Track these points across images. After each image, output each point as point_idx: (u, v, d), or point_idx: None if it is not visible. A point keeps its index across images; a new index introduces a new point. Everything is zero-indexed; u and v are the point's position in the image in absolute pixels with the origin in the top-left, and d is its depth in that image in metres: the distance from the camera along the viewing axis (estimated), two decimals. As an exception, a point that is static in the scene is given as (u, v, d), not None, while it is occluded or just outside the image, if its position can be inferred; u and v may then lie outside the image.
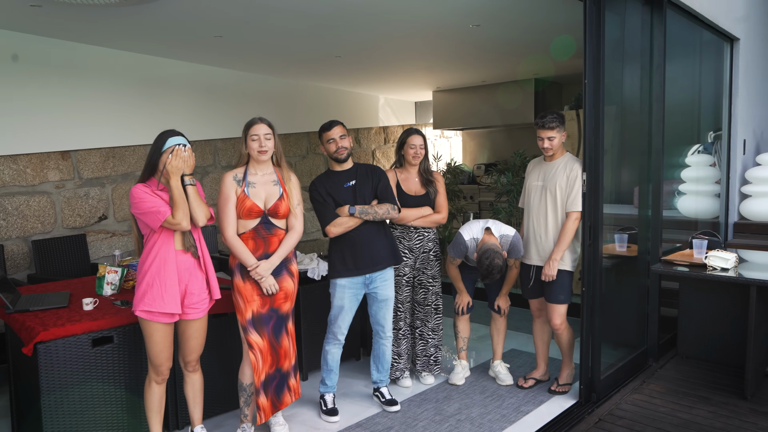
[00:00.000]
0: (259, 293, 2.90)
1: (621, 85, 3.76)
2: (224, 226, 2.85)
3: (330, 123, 3.25)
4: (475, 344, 4.59)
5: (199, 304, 2.72)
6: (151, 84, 5.19)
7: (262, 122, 2.88)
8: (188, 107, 5.51)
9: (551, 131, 3.40)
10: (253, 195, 2.88)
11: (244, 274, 2.89)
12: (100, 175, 4.92)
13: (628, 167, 3.99)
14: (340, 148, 3.22)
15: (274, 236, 2.94)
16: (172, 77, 5.38)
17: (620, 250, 3.80)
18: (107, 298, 3.25)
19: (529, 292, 3.62)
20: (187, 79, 5.49)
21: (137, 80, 5.10)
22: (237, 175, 2.90)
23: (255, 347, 2.90)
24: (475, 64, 5.91)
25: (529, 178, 3.56)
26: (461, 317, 3.82)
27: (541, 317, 3.66)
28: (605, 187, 3.33)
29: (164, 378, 2.71)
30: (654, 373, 3.83)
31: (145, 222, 2.60)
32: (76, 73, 4.74)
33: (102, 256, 4.95)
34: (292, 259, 3.05)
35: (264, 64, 5.65)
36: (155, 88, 5.23)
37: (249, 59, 5.39)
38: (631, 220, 3.95)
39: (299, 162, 6.75)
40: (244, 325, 2.90)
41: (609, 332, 3.58)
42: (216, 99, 5.73)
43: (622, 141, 3.91)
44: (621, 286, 3.89)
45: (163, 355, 2.66)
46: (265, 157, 2.88)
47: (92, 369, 2.80)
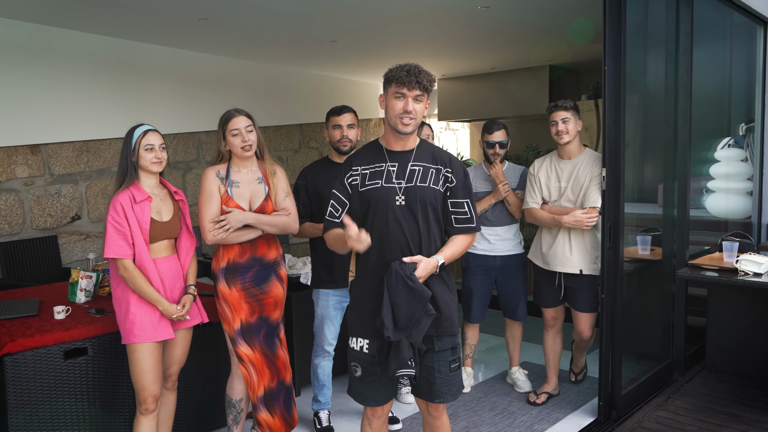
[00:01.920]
0: (247, 300, 2.91)
1: (644, 73, 3.76)
2: (207, 226, 2.84)
3: (341, 108, 3.26)
4: (484, 356, 4.59)
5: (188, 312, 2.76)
6: (128, 71, 5.20)
7: (240, 114, 2.86)
8: (170, 97, 5.51)
9: (565, 111, 3.42)
10: (237, 195, 2.88)
11: (230, 279, 2.89)
12: (72, 171, 4.93)
13: (651, 163, 4.00)
14: (344, 138, 3.23)
15: (262, 239, 2.94)
16: (152, 64, 5.38)
17: (643, 254, 3.80)
18: (81, 306, 3.25)
19: (547, 300, 3.63)
20: (168, 66, 5.49)
21: (113, 67, 5.10)
22: (219, 172, 2.89)
23: (246, 360, 2.90)
24: (484, 49, 5.91)
25: (540, 177, 3.56)
26: (470, 325, 3.84)
27: (555, 327, 3.69)
28: (627, 185, 3.33)
29: (152, 408, 2.71)
30: (680, 388, 3.83)
31: None
32: (45, 59, 4.74)
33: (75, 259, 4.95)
34: (281, 262, 3.06)
35: (252, 50, 5.65)
36: (133, 75, 5.23)
37: (236, 44, 5.39)
38: (655, 221, 3.95)
39: (291, 157, 6.75)
40: (232, 336, 2.90)
41: (631, 343, 3.58)
42: (200, 88, 5.73)
43: (645, 134, 3.92)
44: (644, 292, 3.90)
45: (152, 375, 2.67)
46: (250, 153, 2.88)
47: (64, 384, 2.80)
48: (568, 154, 3.51)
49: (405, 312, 2.16)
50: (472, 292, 3.80)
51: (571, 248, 3.46)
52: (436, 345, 2.32)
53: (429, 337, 2.30)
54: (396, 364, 2.20)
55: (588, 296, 3.50)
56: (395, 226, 2.29)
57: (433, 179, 2.33)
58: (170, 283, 2.73)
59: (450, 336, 2.35)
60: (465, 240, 2.37)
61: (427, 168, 2.34)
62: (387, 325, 2.15)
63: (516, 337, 3.92)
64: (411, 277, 2.18)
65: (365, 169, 2.37)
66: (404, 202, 2.30)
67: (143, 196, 2.66)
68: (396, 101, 2.26)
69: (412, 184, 2.31)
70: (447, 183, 2.35)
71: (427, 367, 2.32)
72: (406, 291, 2.16)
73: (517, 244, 3.82)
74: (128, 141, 2.69)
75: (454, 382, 2.37)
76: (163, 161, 2.73)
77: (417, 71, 2.23)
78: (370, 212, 2.32)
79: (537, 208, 3.55)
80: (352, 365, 2.38)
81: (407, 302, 2.16)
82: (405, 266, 2.20)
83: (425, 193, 2.31)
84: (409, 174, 2.33)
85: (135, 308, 2.63)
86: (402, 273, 2.17)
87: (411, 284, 2.16)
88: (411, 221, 2.30)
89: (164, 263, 2.73)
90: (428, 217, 2.32)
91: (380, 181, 2.33)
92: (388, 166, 2.34)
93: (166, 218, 2.75)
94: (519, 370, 3.96)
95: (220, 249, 2.91)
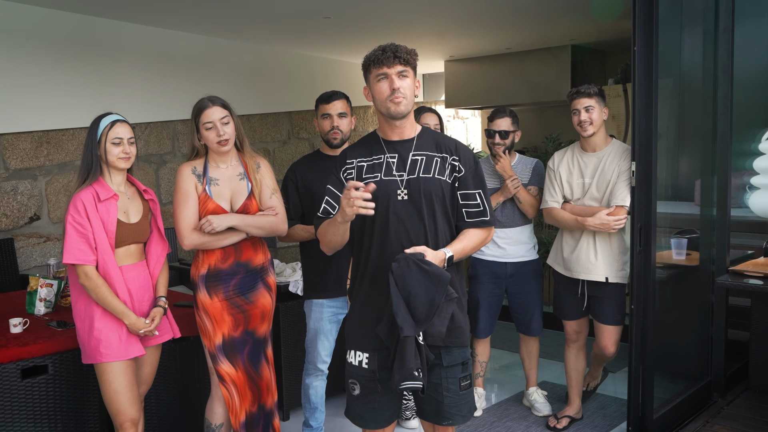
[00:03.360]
0: (231, 311, 2.90)
1: (679, 54, 3.76)
2: (184, 229, 2.83)
3: (331, 94, 3.25)
4: (496, 375, 4.59)
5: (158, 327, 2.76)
6: (94, 52, 5.19)
7: (214, 105, 2.85)
8: (141, 81, 5.50)
9: (589, 98, 3.41)
10: (216, 195, 2.87)
11: (212, 288, 2.88)
12: (31, 166, 4.92)
13: (687, 156, 3.99)
14: (334, 129, 3.22)
15: (247, 241, 2.94)
16: (122, 44, 5.37)
17: (678, 259, 3.80)
18: (40, 318, 3.25)
19: (568, 311, 3.63)
20: (140, 47, 5.48)
21: (77, 47, 5.09)
22: (196, 169, 2.89)
23: (227, 380, 2.89)
24: (497, 27, 5.90)
25: (561, 172, 3.56)
26: (480, 340, 3.84)
27: (578, 342, 3.68)
28: (659, 181, 3.33)
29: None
30: (720, 411, 3.82)
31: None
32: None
33: (34, 265, 4.94)
34: (269, 268, 3.05)
35: (235, 28, 5.65)
36: (100, 57, 5.22)
37: (216, 21, 5.39)
38: (692, 221, 3.95)
39: (279, 149, 6.75)
40: (213, 352, 2.89)
41: (663, 360, 3.58)
42: (176, 71, 5.72)
43: (681, 123, 3.91)
44: (678, 303, 3.89)
45: (128, 396, 2.67)
46: (227, 148, 2.87)
47: (22, 406, 2.79)
48: (593, 147, 3.50)
49: (423, 300, 2.14)
50: (479, 303, 3.79)
51: (596, 253, 3.45)
52: (445, 359, 2.31)
53: (436, 348, 2.29)
54: (401, 374, 2.18)
55: (614, 307, 3.50)
56: (397, 223, 2.29)
57: (438, 169, 2.33)
58: (138, 293, 2.73)
59: (460, 348, 2.34)
60: (479, 235, 2.37)
61: (431, 157, 2.34)
62: (402, 322, 2.12)
63: (532, 354, 3.91)
64: (425, 261, 2.16)
65: (362, 162, 2.37)
66: (407, 196, 2.29)
67: (108, 194, 2.65)
68: (380, 84, 2.27)
69: (415, 176, 2.31)
70: (455, 173, 2.35)
71: (434, 385, 2.31)
72: (421, 276, 2.14)
73: (531, 248, 3.81)
74: (93, 132, 2.68)
75: (465, 402, 2.36)
76: (132, 157, 2.72)
77: (393, 47, 2.25)
78: (377, 209, 2.31)
79: (557, 207, 3.55)
80: (350, 383, 2.37)
81: (425, 288, 2.14)
82: (411, 256, 2.18)
83: (430, 184, 2.31)
84: (411, 164, 2.33)
85: (100, 323, 2.62)
86: (413, 257, 2.16)
87: (426, 267, 2.14)
88: (415, 218, 2.29)
89: (131, 271, 2.72)
90: (434, 212, 2.31)
91: (379, 174, 2.33)
92: (387, 157, 2.34)
93: (134, 220, 2.75)
94: (537, 390, 3.95)
95: (200, 254, 2.90)
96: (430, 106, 3.87)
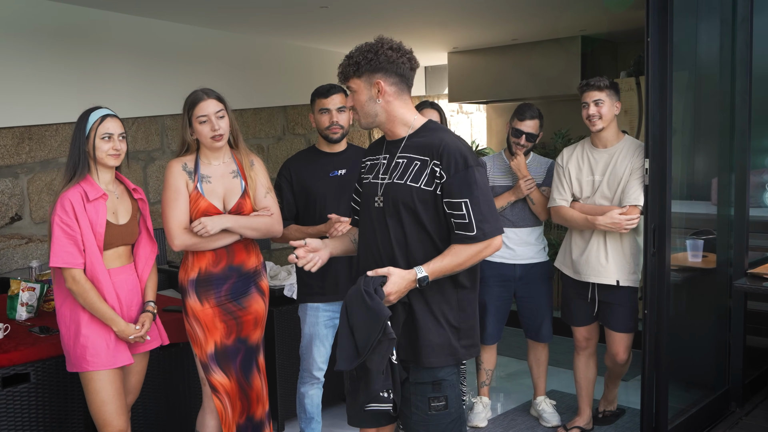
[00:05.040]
0: (223, 318, 2.90)
1: (695, 45, 3.76)
2: (174, 229, 2.84)
3: (329, 88, 3.25)
4: (503, 383, 4.59)
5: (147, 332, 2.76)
6: (79, 43, 5.19)
7: (209, 97, 2.86)
8: (128, 74, 5.50)
9: (599, 92, 3.41)
10: (208, 192, 2.88)
11: (202, 293, 2.89)
12: (12, 163, 4.92)
13: (703, 152, 3.99)
14: (334, 124, 3.22)
15: (240, 244, 2.94)
16: (108, 35, 5.37)
17: (693, 261, 3.80)
18: (22, 324, 3.25)
19: (578, 317, 3.63)
20: (126, 38, 5.48)
21: (62, 38, 5.09)
22: (187, 165, 2.89)
23: (221, 390, 2.90)
24: (504, 16, 5.91)
25: (570, 169, 3.56)
26: (485, 347, 3.84)
27: (588, 349, 3.69)
28: (674, 179, 3.33)
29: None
30: (738, 422, 3.82)
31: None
32: (-20, 28, 4.74)
33: (15, 268, 4.94)
34: (262, 272, 3.05)
35: (228, 18, 5.65)
36: (85, 48, 5.22)
37: (208, 11, 5.39)
38: (708, 222, 3.95)
39: (273, 145, 6.75)
40: (205, 362, 2.89)
41: (679, 368, 3.58)
42: (165, 63, 5.72)
43: (697, 118, 3.91)
44: (694, 307, 3.89)
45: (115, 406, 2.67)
46: (221, 143, 2.88)
47: (2, 416, 2.79)
48: (604, 142, 3.51)
49: (362, 335, 2.13)
50: (486, 307, 3.80)
51: (606, 254, 3.45)
52: (412, 375, 2.28)
53: (407, 361, 2.28)
54: (366, 396, 2.19)
55: (625, 313, 3.49)
56: (371, 232, 2.29)
57: (413, 174, 2.23)
58: (127, 298, 2.73)
59: (427, 369, 2.26)
60: (464, 251, 2.19)
61: (412, 160, 2.25)
62: (339, 353, 2.15)
63: (541, 362, 3.92)
64: (370, 293, 2.13)
65: (367, 161, 2.42)
66: (382, 203, 2.28)
67: (97, 193, 2.66)
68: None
69: (391, 181, 2.27)
70: (435, 179, 2.20)
71: (404, 398, 2.29)
72: (362, 310, 2.13)
73: (541, 250, 3.83)
74: (81, 127, 2.68)
75: (436, 425, 2.26)
76: (122, 154, 2.73)
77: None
78: (362, 211, 2.38)
79: (566, 206, 3.55)
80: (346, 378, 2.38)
81: (364, 323, 2.13)
82: (370, 280, 2.15)
83: (399, 192, 2.23)
84: (393, 168, 2.29)
85: (87, 329, 2.62)
86: (364, 285, 2.15)
87: (368, 301, 2.12)
88: (384, 227, 2.26)
89: (120, 274, 2.72)
90: (402, 221, 2.23)
91: (370, 176, 2.36)
92: (382, 158, 2.35)
93: (123, 220, 2.75)
94: (545, 400, 3.96)
95: (190, 256, 2.91)
96: (432, 101, 3.86)
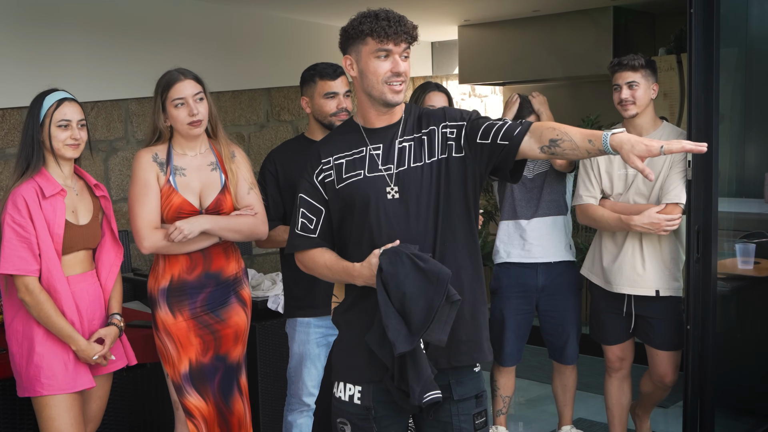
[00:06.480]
0: (198, 332, 2.90)
1: (745, 18, 3.76)
2: (143, 228, 2.83)
3: (334, 68, 3.26)
4: (523, 411, 4.58)
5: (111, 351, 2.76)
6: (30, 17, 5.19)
7: (186, 78, 2.88)
8: (87, 52, 5.50)
9: (633, 72, 3.41)
10: (182, 187, 2.89)
11: (175, 304, 2.89)
12: (-47, 154, 4.92)
13: (755, 142, 4.00)
14: (341, 110, 3.23)
15: (218, 247, 2.94)
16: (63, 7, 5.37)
17: (744, 268, 3.80)
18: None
19: (610, 334, 3.62)
20: (84, 10, 5.48)
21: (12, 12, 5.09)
22: (158, 156, 2.90)
23: (196, 415, 2.90)
24: (523, -16, 5.91)
25: (599, 162, 3.55)
26: (503, 369, 3.83)
27: (622, 370, 3.68)
28: (721, 173, 3.34)
29: None
30: (795, 455, 3.83)
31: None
32: None
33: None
34: (243, 279, 3.06)
35: (202, -14, 5.64)
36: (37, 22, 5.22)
37: (179, -22, 5.38)
38: (761, 223, 3.95)
39: (255, 134, 6.75)
40: (178, 383, 2.90)
41: (727, 393, 3.58)
42: (129, 39, 5.72)
43: (747, 102, 3.91)
44: (745, 322, 3.89)
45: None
46: (199, 130, 2.90)
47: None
48: (639, 130, 3.49)
49: (420, 304, 2.13)
50: (504, 322, 3.79)
51: (643, 261, 3.45)
52: (456, 392, 2.30)
53: (444, 377, 2.28)
54: (421, 385, 2.17)
55: (669, 327, 3.48)
56: (390, 228, 2.28)
57: (427, 151, 2.31)
58: (88, 310, 2.73)
59: (472, 376, 2.32)
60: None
61: (419, 139, 2.32)
62: (393, 336, 2.11)
63: (568, 387, 3.88)
64: (420, 255, 2.15)
65: (340, 158, 2.36)
66: (398, 193, 2.29)
67: (54, 189, 2.66)
68: (379, 63, 2.26)
69: (405, 167, 2.30)
70: (449, 141, 2.30)
71: (443, 424, 2.30)
72: (416, 275, 2.13)
73: (566, 247, 3.81)
74: (35, 113, 2.68)
75: None
76: (81, 143, 2.73)
77: (398, 17, 2.25)
78: (356, 215, 2.31)
79: (594, 204, 3.54)
80: (339, 423, 2.37)
81: (421, 289, 2.13)
82: (403, 247, 2.17)
83: (420, 176, 2.29)
84: (399, 154, 2.32)
85: (41, 347, 2.62)
86: (406, 251, 2.15)
87: (422, 264, 2.13)
88: (415, 219, 2.28)
89: (80, 282, 2.72)
90: (434, 204, 2.28)
91: (362, 171, 2.33)
92: (369, 149, 2.34)
93: (84, 221, 2.76)
94: (572, 430, 3.95)
95: (161, 262, 2.92)
96: (438, 83, 3.85)
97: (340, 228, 2.35)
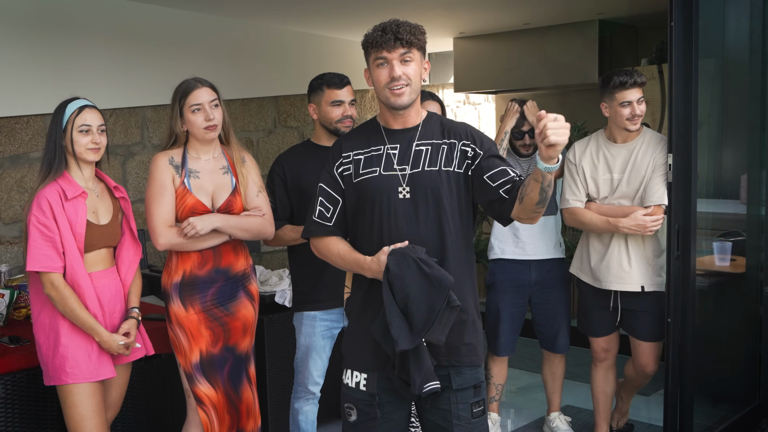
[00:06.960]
0: (209, 325, 2.94)
1: (722, 30, 3.78)
2: (158, 226, 2.87)
3: (341, 78, 3.29)
4: (514, 398, 4.61)
5: None
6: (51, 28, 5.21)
7: (203, 85, 2.92)
8: (105, 62, 5.53)
9: (640, 89, 3.42)
10: (196, 188, 2.92)
11: (187, 298, 2.93)
12: (-22, 158, 4.95)
13: (732, 147, 4.01)
14: (346, 117, 3.26)
15: (228, 245, 2.98)
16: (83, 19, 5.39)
17: (721, 265, 3.82)
18: (-9, 333, 3.27)
19: (597, 327, 3.66)
20: (103, 22, 5.51)
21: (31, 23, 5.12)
22: (173, 159, 2.94)
23: (206, 402, 2.93)
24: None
25: (584, 167, 3.56)
26: (497, 359, 3.87)
27: (607, 360, 3.71)
28: (700, 175, 3.35)
29: None
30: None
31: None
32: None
33: (-18, 273, 4.97)
34: (251, 275, 3.09)
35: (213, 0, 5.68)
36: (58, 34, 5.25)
37: (191, -8, 5.41)
38: (737, 222, 3.96)
39: (263, 139, 6.78)
40: (190, 372, 2.93)
41: (704, 382, 3.60)
42: (145, 50, 5.74)
43: (725, 109, 3.93)
44: (722, 315, 3.91)
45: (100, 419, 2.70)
46: (214, 134, 2.94)
47: (-30, 433, 2.83)
48: (624, 137, 3.51)
49: (422, 307, 2.16)
50: (499, 314, 3.83)
51: (629, 259, 3.47)
52: (455, 382, 2.33)
53: (444, 368, 2.32)
54: (422, 376, 2.20)
55: (652, 320, 3.51)
56: (399, 226, 2.31)
57: (444, 159, 2.34)
58: (109, 304, 2.76)
59: (471, 367, 2.36)
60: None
61: (437, 146, 2.36)
62: (397, 333, 2.15)
63: (557, 375, 3.95)
64: (426, 260, 2.18)
65: (359, 155, 2.39)
66: (409, 194, 2.33)
67: (76, 191, 2.69)
68: (379, 70, 2.30)
69: (419, 170, 2.33)
70: (467, 159, 2.34)
71: (442, 412, 2.33)
72: (421, 279, 2.17)
73: (557, 245, 3.85)
74: (58, 119, 2.71)
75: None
76: (102, 148, 2.76)
77: (394, 26, 2.26)
78: (368, 209, 2.34)
79: (581, 207, 3.56)
80: (346, 407, 2.40)
81: (424, 293, 2.16)
82: (410, 250, 2.20)
83: (433, 179, 2.32)
84: (415, 156, 2.35)
85: (67, 339, 2.65)
86: (413, 254, 2.18)
87: (427, 269, 2.17)
88: (423, 220, 2.31)
89: (102, 279, 2.75)
90: (442, 210, 2.32)
91: (378, 169, 2.35)
92: (387, 148, 2.37)
93: (105, 220, 2.78)
94: (560, 416, 3.99)
95: (173, 258, 2.95)
96: (431, 92, 3.88)
97: (353, 220, 2.39)
